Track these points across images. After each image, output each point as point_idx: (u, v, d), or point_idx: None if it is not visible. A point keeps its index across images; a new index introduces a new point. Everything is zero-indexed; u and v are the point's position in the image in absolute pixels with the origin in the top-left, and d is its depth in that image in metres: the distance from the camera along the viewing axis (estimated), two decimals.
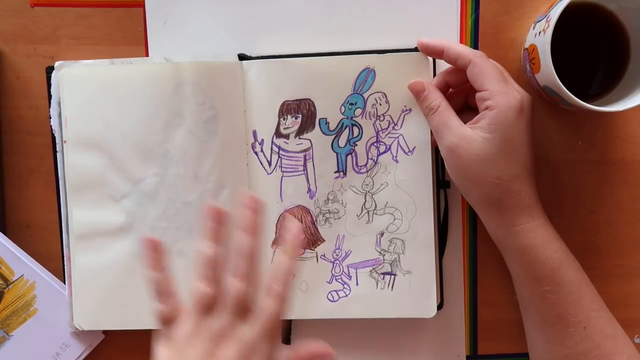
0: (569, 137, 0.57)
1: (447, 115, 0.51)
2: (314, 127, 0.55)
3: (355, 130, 0.54)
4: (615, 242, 0.58)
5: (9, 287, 0.56)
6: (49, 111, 0.55)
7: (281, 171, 0.55)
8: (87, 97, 0.54)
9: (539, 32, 0.50)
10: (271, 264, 0.50)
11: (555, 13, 0.47)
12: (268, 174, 0.55)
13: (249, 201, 0.45)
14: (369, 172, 0.55)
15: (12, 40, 0.57)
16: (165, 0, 0.57)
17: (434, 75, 0.55)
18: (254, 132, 0.55)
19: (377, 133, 0.54)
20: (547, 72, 0.49)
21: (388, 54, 0.54)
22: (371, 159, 0.54)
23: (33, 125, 0.58)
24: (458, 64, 0.51)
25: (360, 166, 0.55)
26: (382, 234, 0.55)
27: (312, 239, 0.55)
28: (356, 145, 0.55)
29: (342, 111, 0.54)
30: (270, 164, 0.55)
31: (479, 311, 0.58)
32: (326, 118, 0.54)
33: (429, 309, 0.55)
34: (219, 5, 0.57)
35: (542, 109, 0.57)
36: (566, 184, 0.57)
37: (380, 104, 0.54)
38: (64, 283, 0.56)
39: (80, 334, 0.57)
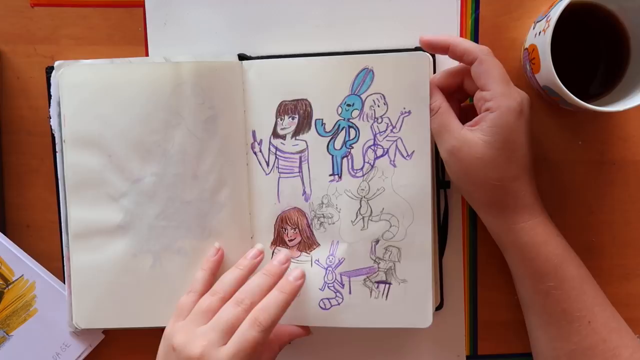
0: (569, 137, 0.57)
1: (448, 117, 0.51)
2: (310, 128, 0.54)
3: (352, 132, 0.53)
4: (615, 242, 0.58)
5: (9, 287, 0.56)
6: (49, 111, 0.55)
7: (278, 172, 0.55)
8: (87, 97, 0.54)
9: (539, 32, 0.50)
10: (267, 297, 0.50)
11: (555, 13, 0.47)
12: (266, 174, 0.55)
13: (282, 255, 0.53)
14: (365, 176, 0.53)
15: (12, 40, 0.57)
16: (165, 0, 0.57)
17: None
18: (253, 132, 0.55)
19: (375, 136, 0.53)
20: (547, 72, 0.49)
21: (387, 54, 0.53)
22: (368, 162, 0.53)
23: (33, 125, 0.58)
24: (464, 60, 0.50)
25: (356, 170, 0.54)
26: (377, 241, 0.53)
27: (308, 242, 0.55)
28: (352, 147, 0.53)
29: (339, 112, 0.53)
30: (268, 164, 0.55)
31: (479, 311, 0.58)
32: (322, 119, 0.54)
33: (424, 319, 0.53)
34: (219, 5, 0.57)
35: (542, 109, 0.57)
36: (566, 184, 0.57)
37: (379, 106, 0.53)
38: (64, 283, 0.56)
39: (80, 334, 0.57)
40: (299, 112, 0.54)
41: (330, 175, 0.54)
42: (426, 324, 0.53)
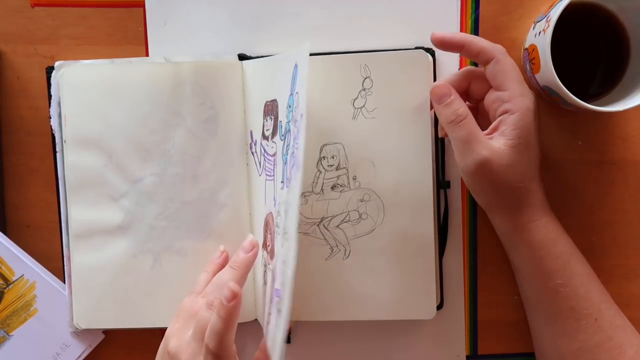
0: (569, 137, 0.57)
1: (475, 126, 0.49)
2: (276, 131, 0.51)
3: (289, 136, 0.47)
4: (615, 242, 0.58)
5: (9, 287, 0.56)
6: (49, 111, 0.55)
7: (265, 174, 0.54)
8: (87, 97, 0.54)
9: (539, 32, 0.50)
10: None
11: (555, 13, 0.47)
12: (259, 175, 0.55)
13: (248, 243, 0.52)
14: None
15: (12, 40, 0.57)
16: (165, 0, 0.57)
17: (434, 74, 0.55)
18: (251, 133, 0.55)
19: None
20: (547, 72, 0.49)
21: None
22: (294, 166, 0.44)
23: (33, 125, 0.58)
24: (479, 59, 0.50)
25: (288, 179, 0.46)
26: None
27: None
28: (292, 153, 0.45)
29: (286, 114, 0.48)
30: (259, 165, 0.55)
31: (479, 311, 0.58)
32: (281, 121, 0.50)
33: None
34: (219, 5, 0.57)
35: (542, 109, 0.57)
36: (566, 184, 0.57)
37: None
38: (64, 283, 0.56)
39: (80, 334, 0.57)
40: (274, 113, 0.52)
41: (281, 182, 0.48)
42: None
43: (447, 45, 0.50)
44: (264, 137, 0.53)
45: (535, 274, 0.51)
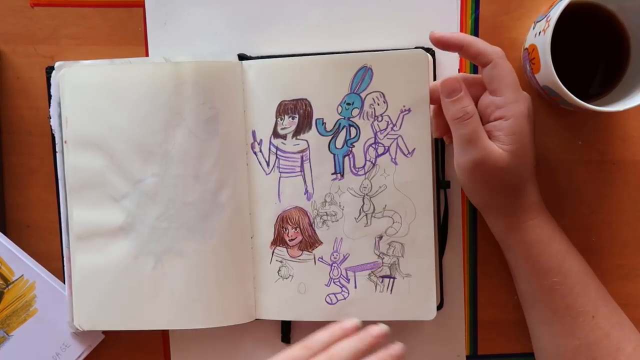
0: (569, 137, 0.57)
1: (479, 125, 0.49)
2: (310, 128, 0.54)
3: (353, 131, 0.54)
4: (615, 242, 0.58)
5: (9, 287, 0.56)
6: (49, 111, 0.55)
7: (279, 172, 0.55)
8: (87, 98, 0.54)
9: (539, 32, 0.50)
10: None
11: (555, 13, 0.47)
12: (267, 174, 0.55)
13: (374, 329, 0.46)
14: (367, 174, 0.54)
15: (12, 40, 0.57)
16: (165, 0, 0.57)
17: (434, 73, 0.55)
18: (253, 132, 0.55)
19: (376, 134, 0.54)
20: (547, 72, 0.49)
21: (387, 52, 0.53)
22: (369, 160, 0.54)
23: (33, 125, 0.58)
24: (477, 61, 0.50)
25: (358, 168, 0.54)
26: (380, 237, 0.54)
27: (310, 241, 0.55)
28: (354, 146, 0.54)
29: (339, 111, 0.54)
30: (268, 164, 0.55)
31: (479, 311, 0.58)
32: (323, 118, 0.54)
33: (428, 312, 0.54)
34: (219, 5, 0.57)
35: (542, 109, 0.57)
36: (566, 184, 0.57)
37: (378, 104, 0.53)
38: (64, 283, 0.56)
39: (80, 334, 0.57)
40: (298, 111, 0.54)
41: (332, 174, 0.54)
42: (430, 317, 0.54)
43: (445, 45, 0.50)
44: (278, 135, 0.54)
45: (531, 272, 0.52)
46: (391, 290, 0.54)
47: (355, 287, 0.55)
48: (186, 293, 0.54)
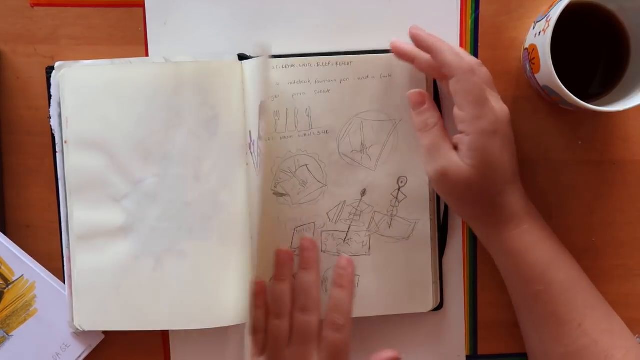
0: (569, 137, 0.57)
1: (441, 136, 0.50)
2: None
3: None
4: (615, 242, 0.58)
5: (9, 287, 0.56)
6: (49, 111, 0.55)
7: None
8: (88, 98, 0.54)
9: (539, 32, 0.50)
10: (329, 298, 0.51)
11: (555, 13, 0.48)
12: (257, 175, 0.55)
13: (305, 241, 0.53)
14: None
15: (12, 40, 0.57)
16: (165, 0, 0.57)
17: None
18: (250, 133, 0.55)
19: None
20: (547, 72, 0.49)
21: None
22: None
23: (33, 125, 0.58)
24: (443, 71, 0.49)
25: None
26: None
27: None
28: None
29: None
30: (256, 165, 0.55)
31: (479, 311, 0.58)
32: None
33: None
34: (219, 5, 0.57)
35: (542, 109, 0.57)
36: (566, 184, 0.57)
37: None
38: (64, 283, 0.56)
39: (80, 334, 0.57)
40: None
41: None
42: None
43: (418, 43, 0.51)
44: (260, 137, 0.53)
45: (515, 280, 0.52)
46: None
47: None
48: (186, 293, 0.54)
